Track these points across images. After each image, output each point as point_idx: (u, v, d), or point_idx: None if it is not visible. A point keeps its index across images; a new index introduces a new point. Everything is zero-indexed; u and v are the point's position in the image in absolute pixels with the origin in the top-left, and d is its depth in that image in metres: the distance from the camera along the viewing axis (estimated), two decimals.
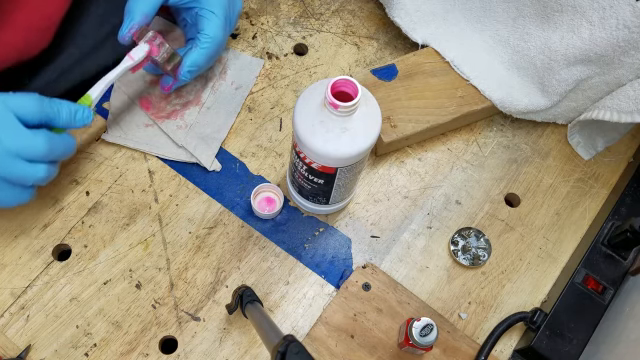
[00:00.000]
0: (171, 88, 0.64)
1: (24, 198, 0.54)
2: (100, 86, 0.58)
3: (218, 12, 0.59)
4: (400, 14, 0.70)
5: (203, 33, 0.60)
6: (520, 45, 0.68)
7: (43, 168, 0.52)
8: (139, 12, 0.57)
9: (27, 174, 0.51)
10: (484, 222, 0.65)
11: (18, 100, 0.50)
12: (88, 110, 0.56)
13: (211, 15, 0.59)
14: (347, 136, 0.48)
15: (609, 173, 0.69)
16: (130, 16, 0.57)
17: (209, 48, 0.60)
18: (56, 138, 0.53)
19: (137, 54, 0.58)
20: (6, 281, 0.58)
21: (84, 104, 0.56)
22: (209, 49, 0.60)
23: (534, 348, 0.57)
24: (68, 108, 0.54)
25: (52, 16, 0.63)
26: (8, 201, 0.53)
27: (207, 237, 0.62)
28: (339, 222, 0.64)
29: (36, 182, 0.53)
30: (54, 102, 0.53)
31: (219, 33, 0.60)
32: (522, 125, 0.71)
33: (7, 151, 0.49)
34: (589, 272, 0.60)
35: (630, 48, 0.60)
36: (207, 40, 0.60)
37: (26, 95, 0.51)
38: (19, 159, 0.50)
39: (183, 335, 0.58)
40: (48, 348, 0.56)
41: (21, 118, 0.50)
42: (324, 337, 0.57)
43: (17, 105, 0.50)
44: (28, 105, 0.50)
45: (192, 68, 0.61)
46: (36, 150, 0.51)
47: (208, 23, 0.59)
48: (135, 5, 0.57)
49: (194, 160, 0.65)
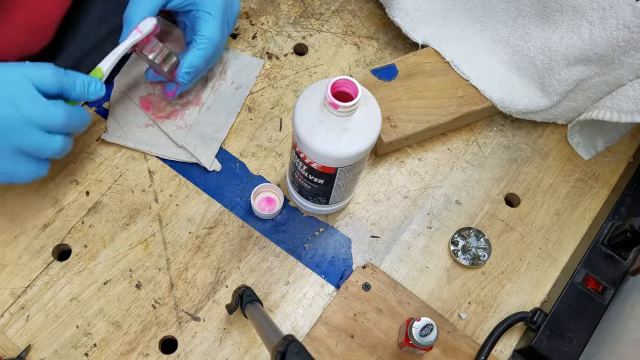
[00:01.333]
0: (175, 94, 0.64)
1: (40, 172, 0.53)
2: (111, 59, 0.58)
3: (215, 13, 0.59)
4: (400, 14, 0.70)
5: (200, 34, 0.60)
6: (520, 45, 0.68)
7: (60, 139, 0.52)
8: (138, 19, 0.58)
9: (45, 145, 0.51)
10: (484, 222, 0.65)
11: (36, 70, 0.50)
12: (100, 83, 0.56)
13: (208, 16, 0.59)
14: (347, 136, 0.48)
15: (609, 173, 0.69)
16: (128, 23, 0.58)
17: (206, 49, 0.60)
18: (73, 109, 0.53)
19: (145, 27, 0.58)
20: (6, 281, 0.58)
21: (95, 77, 0.56)
22: (206, 50, 0.60)
23: (534, 348, 0.57)
24: (82, 80, 0.54)
25: (52, 14, 0.63)
26: (24, 175, 0.53)
27: (207, 237, 0.62)
28: (339, 222, 0.64)
29: (52, 154, 0.52)
30: (69, 73, 0.53)
31: (216, 34, 0.60)
32: (522, 125, 0.71)
33: (27, 120, 0.49)
34: (589, 272, 0.60)
35: (630, 48, 0.60)
36: (204, 41, 0.60)
37: (43, 65, 0.51)
38: (38, 129, 0.50)
39: (183, 335, 0.58)
40: (48, 348, 0.56)
41: (39, 88, 0.50)
42: (324, 337, 0.57)
43: (35, 75, 0.50)
44: (46, 75, 0.50)
45: (189, 69, 0.61)
46: (55, 120, 0.51)
47: (205, 24, 0.59)
48: (133, 12, 0.58)
49: (194, 160, 0.65)
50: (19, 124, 0.49)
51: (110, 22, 0.70)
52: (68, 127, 0.52)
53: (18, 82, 0.49)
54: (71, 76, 0.53)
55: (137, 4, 0.58)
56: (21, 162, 0.52)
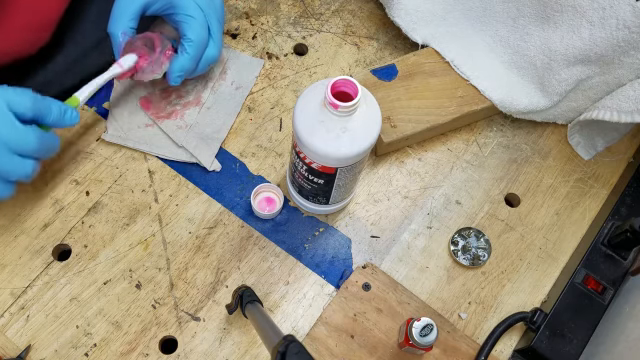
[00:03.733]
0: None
1: (6, 193, 0.54)
2: (87, 89, 0.59)
3: (196, 14, 0.60)
4: (400, 14, 0.70)
5: (186, 38, 0.60)
6: (520, 45, 0.68)
7: (31, 164, 0.53)
8: (119, 32, 0.59)
9: (16, 168, 0.52)
10: (484, 222, 0.65)
11: (13, 94, 0.51)
12: (76, 111, 0.57)
13: (189, 19, 0.60)
14: (347, 136, 0.48)
15: (609, 173, 0.69)
16: (114, 38, 0.60)
17: (195, 51, 0.61)
18: (45, 135, 0.54)
19: (126, 62, 0.60)
20: (6, 281, 0.58)
21: (71, 105, 0.57)
22: (194, 52, 0.61)
23: (534, 348, 0.57)
24: (58, 107, 0.55)
25: (50, 14, 0.63)
26: None
27: (207, 237, 0.62)
28: (339, 222, 0.64)
29: (21, 177, 0.53)
30: (46, 100, 0.54)
31: (201, 34, 0.60)
32: (522, 125, 0.71)
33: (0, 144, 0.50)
34: (589, 272, 0.60)
35: (630, 48, 0.60)
36: (190, 44, 0.60)
37: (21, 90, 0.52)
38: (10, 152, 0.51)
39: (183, 335, 0.58)
40: (48, 348, 0.56)
41: (15, 112, 0.51)
42: (324, 337, 0.57)
43: (12, 99, 0.50)
44: (23, 100, 0.51)
45: (180, 73, 0.61)
46: (28, 145, 0.51)
47: (189, 27, 0.60)
48: (114, 27, 0.59)
49: (194, 160, 0.65)
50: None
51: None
52: (39, 152, 0.53)
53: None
54: (48, 102, 0.54)
55: (118, 17, 0.59)
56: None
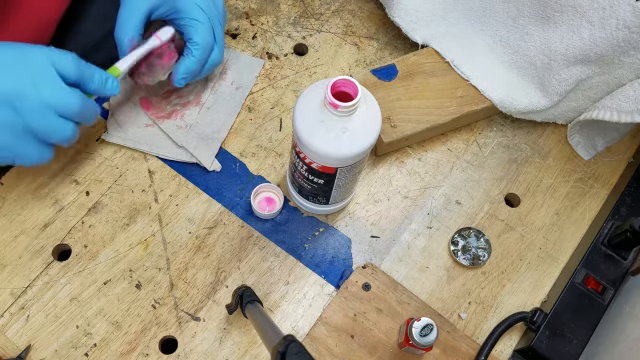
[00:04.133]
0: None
1: (44, 157, 0.54)
2: (128, 60, 0.59)
3: (201, 18, 0.60)
4: (400, 14, 0.70)
5: (192, 41, 0.60)
6: (520, 45, 0.68)
7: (72, 126, 0.53)
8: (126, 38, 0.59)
9: (57, 129, 0.52)
10: (484, 222, 0.65)
11: (60, 56, 0.51)
12: (117, 81, 0.57)
13: (195, 23, 0.59)
14: (347, 136, 0.48)
15: (609, 173, 0.69)
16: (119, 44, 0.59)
17: (201, 54, 0.61)
18: (87, 100, 0.53)
19: (164, 35, 0.60)
20: (6, 281, 0.58)
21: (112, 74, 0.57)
22: (200, 55, 0.61)
23: (534, 348, 0.57)
24: (100, 75, 0.55)
25: (53, 13, 0.63)
26: (28, 156, 0.53)
27: (207, 237, 0.62)
28: (339, 222, 0.64)
29: (61, 140, 0.53)
30: (90, 66, 0.54)
31: (207, 37, 0.60)
32: (522, 125, 0.71)
33: (44, 103, 0.50)
34: (589, 272, 0.60)
35: (630, 48, 0.60)
36: (197, 47, 0.60)
37: (67, 53, 0.52)
38: (53, 113, 0.51)
39: (183, 335, 0.58)
40: (48, 348, 0.56)
41: (60, 73, 0.51)
42: (324, 337, 0.57)
43: (59, 60, 0.50)
44: (68, 62, 0.51)
45: (185, 75, 0.61)
46: (71, 107, 0.51)
47: (194, 31, 0.60)
48: (121, 32, 0.59)
49: (194, 160, 0.65)
50: (36, 104, 0.49)
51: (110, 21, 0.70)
52: (81, 116, 0.53)
53: (41, 64, 0.49)
54: (91, 69, 0.54)
55: (124, 23, 0.59)
56: (29, 143, 0.52)
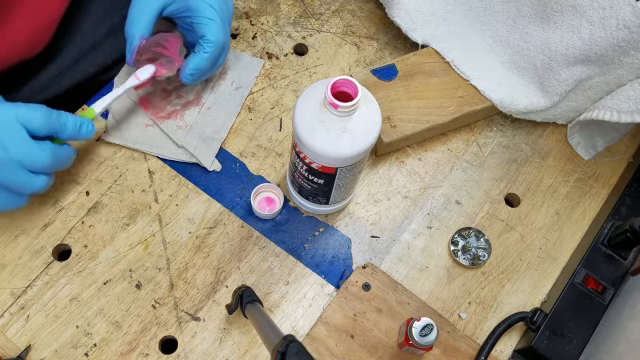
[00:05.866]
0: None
1: (18, 204, 0.55)
2: (104, 102, 0.60)
3: (215, 17, 0.60)
4: (400, 14, 0.70)
5: (205, 39, 0.60)
6: (520, 45, 0.68)
7: (43, 179, 0.54)
8: (137, 35, 0.60)
9: (28, 184, 0.53)
10: (484, 222, 0.65)
11: (28, 112, 0.51)
12: (92, 124, 0.58)
13: (209, 21, 0.60)
14: (347, 136, 0.48)
15: (609, 173, 0.69)
16: (130, 40, 0.60)
17: (213, 52, 0.61)
18: (59, 150, 0.54)
19: (143, 75, 0.61)
20: (6, 281, 0.58)
21: (87, 118, 0.58)
22: (212, 53, 0.61)
23: (534, 348, 0.57)
24: (74, 122, 0.55)
25: (52, 15, 0.63)
26: (2, 206, 0.54)
27: (207, 237, 0.62)
28: (339, 222, 0.64)
29: (33, 192, 0.54)
30: (61, 115, 0.54)
31: (220, 36, 0.60)
32: (522, 125, 0.71)
33: (13, 161, 0.50)
34: (589, 272, 0.60)
35: (630, 48, 0.60)
36: (209, 45, 0.60)
37: (36, 107, 0.52)
38: (23, 169, 0.52)
39: (183, 335, 0.58)
40: (48, 348, 0.56)
41: (29, 130, 0.51)
42: (324, 337, 0.57)
43: (26, 117, 0.51)
44: (37, 118, 0.51)
45: (194, 72, 0.61)
46: (41, 162, 0.52)
47: (207, 29, 0.60)
48: (132, 29, 0.60)
49: (194, 160, 0.65)
50: (4, 163, 0.50)
51: (110, 21, 0.70)
52: (53, 168, 0.54)
53: (8, 123, 0.50)
54: (63, 118, 0.54)
55: (136, 20, 0.59)
56: (1, 194, 0.53)
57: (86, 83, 0.70)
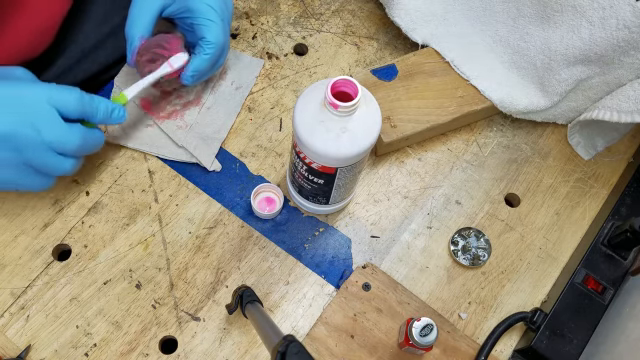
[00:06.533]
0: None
1: (46, 185, 0.56)
2: (136, 88, 0.60)
3: (215, 18, 0.60)
4: (400, 14, 0.70)
5: (205, 40, 0.60)
6: (520, 45, 0.68)
7: (72, 162, 0.54)
8: (137, 36, 0.60)
9: (57, 166, 0.53)
10: (484, 222, 0.65)
11: (62, 95, 0.51)
12: (123, 110, 0.58)
13: (209, 22, 0.60)
14: (347, 136, 0.48)
15: (609, 173, 0.69)
16: (130, 41, 0.60)
17: (213, 54, 0.61)
18: (89, 134, 0.54)
19: (176, 62, 0.61)
20: (6, 281, 0.58)
21: (119, 103, 0.58)
22: (212, 54, 0.61)
23: (534, 348, 0.57)
24: (105, 106, 0.55)
25: (54, 16, 0.63)
26: (30, 187, 0.55)
27: (207, 237, 0.62)
28: (339, 222, 0.64)
29: (62, 174, 0.54)
30: (94, 99, 0.54)
31: (220, 37, 0.61)
32: (522, 125, 0.71)
33: (44, 143, 0.51)
34: (589, 272, 0.60)
35: (630, 48, 0.60)
36: (210, 46, 0.60)
37: (69, 90, 0.52)
38: (52, 152, 0.52)
39: (183, 335, 0.58)
40: (48, 348, 0.56)
41: (62, 112, 0.51)
42: (324, 337, 0.57)
43: (60, 100, 0.51)
44: (70, 101, 0.52)
45: (195, 73, 0.61)
46: (71, 146, 0.52)
47: (208, 30, 0.60)
48: (132, 29, 0.60)
49: (194, 160, 0.65)
50: (36, 144, 0.51)
51: (111, 22, 0.70)
52: (82, 151, 0.54)
53: (41, 105, 0.50)
54: (96, 102, 0.54)
55: (136, 20, 0.60)
56: (30, 176, 0.54)
57: (87, 82, 0.70)
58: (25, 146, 0.50)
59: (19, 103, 0.50)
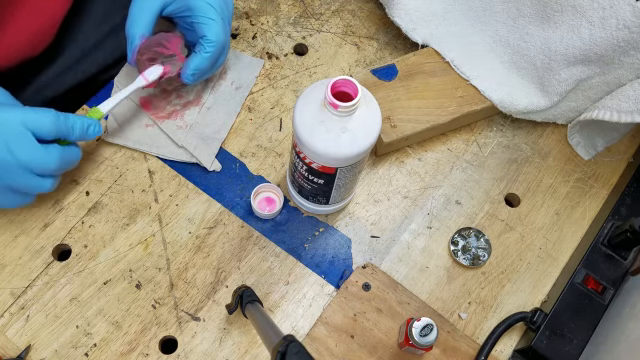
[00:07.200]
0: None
1: (25, 202, 0.56)
2: (111, 102, 0.60)
3: (215, 17, 0.60)
4: (400, 14, 0.70)
5: (206, 38, 0.60)
6: (520, 45, 0.68)
7: (50, 181, 0.54)
8: (138, 35, 0.60)
9: (35, 186, 0.53)
10: (484, 222, 0.65)
11: (36, 117, 0.51)
12: (99, 125, 0.58)
13: (209, 21, 0.60)
14: (347, 136, 0.48)
15: (609, 173, 0.69)
16: (130, 40, 0.60)
17: (213, 52, 0.61)
18: (66, 152, 0.54)
19: (151, 75, 0.61)
20: (6, 281, 0.58)
21: (94, 117, 0.58)
22: (213, 53, 0.61)
23: (534, 348, 0.57)
24: (81, 124, 0.55)
25: (55, 15, 0.63)
26: (8, 204, 0.56)
27: (207, 237, 0.62)
28: (339, 222, 0.64)
29: (41, 192, 0.55)
30: (69, 118, 0.54)
31: (221, 36, 0.60)
32: (522, 125, 0.71)
33: (20, 165, 0.51)
34: (589, 272, 0.60)
35: (630, 48, 0.60)
36: (210, 44, 0.60)
37: (43, 112, 0.52)
38: (30, 173, 0.52)
39: (183, 335, 0.58)
40: (48, 348, 0.56)
41: (37, 135, 0.51)
42: (324, 337, 0.57)
43: (34, 122, 0.51)
44: (45, 122, 0.52)
45: (195, 72, 0.61)
46: (49, 167, 0.53)
47: (208, 28, 0.60)
48: (133, 28, 0.60)
49: (194, 160, 0.65)
50: (12, 168, 0.51)
51: (110, 21, 0.70)
52: (60, 171, 0.55)
53: (15, 129, 0.50)
54: (71, 121, 0.54)
55: (137, 19, 0.60)
56: (9, 195, 0.54)
57: (87, 82, 0.70)
58: (2, 170, 0.50)
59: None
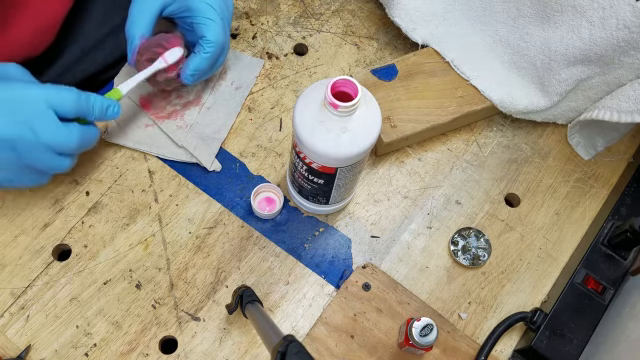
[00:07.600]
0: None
1: (41, 181, 0.56)
2: (131, 83, 0.60)
3: (215, 17, 0.60)
4: (400, 14, 0.70)
5: (205, 39, 0.60)
6: (520, 45, 0.68)
7: (69, 160, 0.55)
8: (138, 35, 0.60)
9: (54, 165, 0.54)
10: (484, 222, 0.65)
11: (58, 95, 0.52)
12: (118, 105, 0.58)
13: (209, 21, 0.60)
14: (347, 136, 0.48)
15: (609, 173, 0.69)
16: (130, 40, 0.60)
17: (213, 53, 0.61)
18: (86, 132, 0.55)
19: (171, 57, 0.61)
20: (6, 281, 0.58)
21: (113, 98, 0.58)
22: (212, 53, 0.61)
23: (534, 348, 0.57)
24: (101, 104, 0.56)
25: (55, 15, 0.63)
26: (25, 183, 0.56)
27: (207, 237, 0.62)
28: (339, 222, 0.64)
29: (59, 172, 0.55)
30: (90, 98, 0.55)
31: (220, 36, 0.60)
32: (522, 125, 0.71)
33: (42, 144, 0.51)
34: (589, 272, 0.60)
35: (630, 48, 0.60)
36: (210, 45, 0.60)
37: (67, 90, 0.52)
38: (51, 152, 0.52)
39: (183, 335, 0.58)
40: (48, 348, 0.56)
41: (59, 113, 0.52)
42: (324, 337, 0.57)
43: (56, 100, 0.51)
44: (68, 101, 0.52)
45: (195, 72, 0.61)
46: (68, 145, 0.53)
47: (207, 29, 0.60)
48: (133, 29, 0.60)
49: (194, 160, 0.65)
50: (33, 146, 0.51)
51: (111, 21, 0.70)
52: (80, 150, 0.55)
53: (38, 107, 0.50)
54: (92, 100, 0.55)
55: (137, 20, 0.60)
56: (27, 174, 0.54)
57: (87, 82, 0.70)
58: (24, 149, 0.51)
59: (17, 106, 0.50)
